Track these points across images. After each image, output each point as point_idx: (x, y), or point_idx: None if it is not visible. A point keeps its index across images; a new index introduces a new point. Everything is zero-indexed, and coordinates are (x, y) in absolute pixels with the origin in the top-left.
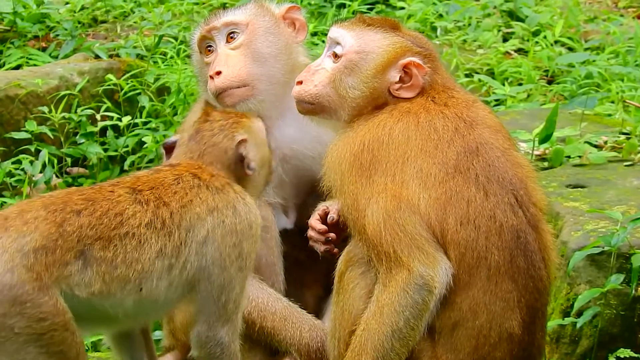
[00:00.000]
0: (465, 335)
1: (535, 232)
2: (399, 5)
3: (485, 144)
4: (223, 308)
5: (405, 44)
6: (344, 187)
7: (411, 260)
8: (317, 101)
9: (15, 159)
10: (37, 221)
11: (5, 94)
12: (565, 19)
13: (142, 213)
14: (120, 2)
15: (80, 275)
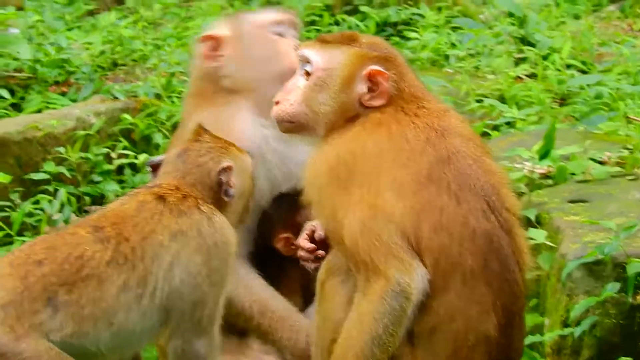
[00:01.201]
0: (443, 339)
1: (509, 236)
2: (413, 37)
3: (457, 153)
4: (198, 323)
5: (362, 53)
6: (322, 200)
7: (388, 268)
8: (295, 119)
9: (34, 199)
10: (3, 279)
11: (24, 136)
12: (579, 43)
13: (102, 252)
14: (139, 45)
15: (51, 321)
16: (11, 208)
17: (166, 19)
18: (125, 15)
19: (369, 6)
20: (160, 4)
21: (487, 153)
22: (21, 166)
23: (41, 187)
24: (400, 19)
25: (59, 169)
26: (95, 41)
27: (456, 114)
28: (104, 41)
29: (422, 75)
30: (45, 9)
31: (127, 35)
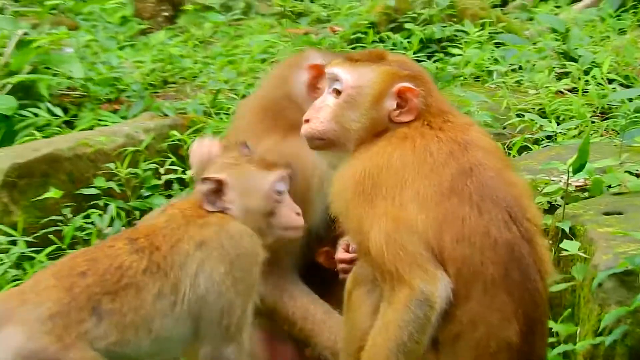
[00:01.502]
0: (466, 347)
1: (530, 246)
2: (456, 53)
3: (478, 165)
4: (226, 330)
5: (392, 71)
6: (349, 212)
7: (412, 277)
8: (326, 136)
9: (85, 213)
10: (48, 290)
11: (75, 152)
12: (622, 57)
13: (138, 262)
14: (189, 64)
15: (96, 330)
16: (63, 222)
17: (216, 38)
18: (177, 34)
19: (414, 23)
20: (211, 22)
21: (508, 166)
22: (72, 182)
23: (92, 202)
24: (444, 36)
25: (109, 184)
26: (146, 60)
27: (479, 128)
28: (155, 60)
29: (464, 91)
30: (99, 29)
31: (177, 54)
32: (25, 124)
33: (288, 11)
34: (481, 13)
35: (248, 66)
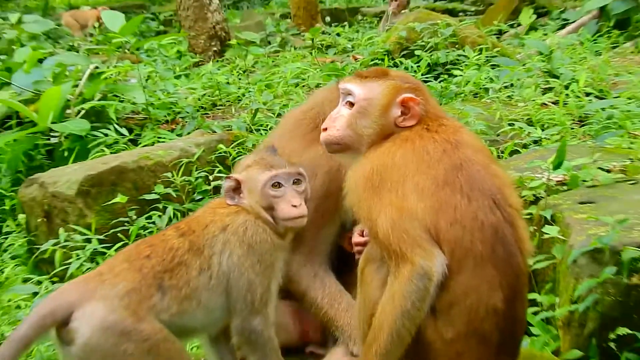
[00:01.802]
0: (459, 312)
1: (512, 227)
2: (458, 74)
3: (467, 161)
4: (251, 304)
5: (396, 84)
6: (361, 203)
7: (414, 255)
8: (342, 142)
9: (147, 215)
10: (123, 272)
11: (138, 164)
12: (597, 74)
13: (182, 243)
14: (234, 89)
15: (161, 303)
16: (129, 223)
17: (256, 67)
18: (223, 65)
19: (422, 50)
20: (253, 55)
21: (493, 161)
22: (136, 189)
23: (153, 205)
24: (448, 60)
25: (166, 190)
26: (198, 87)
27: (468, 130)
28: (205, 86)
29: (464, 105)
30: (158, 62)
31: (223, 81)
32: (97, 142)
33: (318, 44)
34: (479, 40)
35: (283, 90)
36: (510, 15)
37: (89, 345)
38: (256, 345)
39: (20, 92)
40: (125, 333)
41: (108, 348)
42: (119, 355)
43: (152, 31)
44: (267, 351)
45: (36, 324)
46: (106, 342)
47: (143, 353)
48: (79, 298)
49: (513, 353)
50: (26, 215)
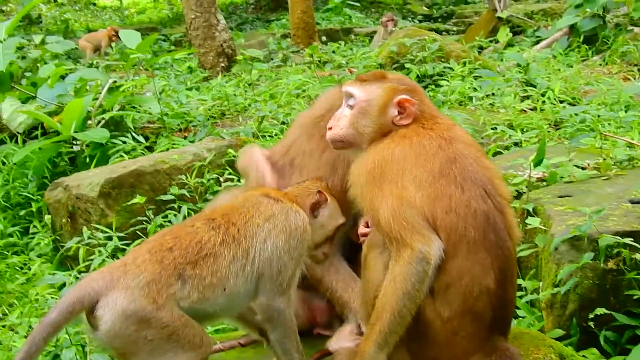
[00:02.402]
0: (455, 293)
1: (502, 215)
2: (444, 84)
3: (461, 155)
4: (280, 285)
5: (393, 86)
6: (363, 195)
7: (413, 241)
8: (346, 139)
9: (163, 214)
10: (144, 263)
11: (154, 168)
12: (569, 83)
13: (215, 236)
14: (241, 100)
15: (181, 292)
16: (147, 221)
17: (261, 80)
18: (231, 79)
19: (411, 63)
20: (257, 70)
21: (484, 155)
22: (153, 190)
23: (168, 205)
24: (435, 72)
25: (181, 191)
26: (208, 98)
27: (460, 127)
28: (214, 98)
29: (451, 111)
30: (171, 76)
31: (231, 93)
32: (116, 149)
33: (316, 60)
34: (463, 54)
35: (285, 100)
36: (489, 33)
37: (111, 332)
38: (278, 323)
39: (45, 105)
40: (145, 320)
41: (129, 334)
42: (140, 341)
43: (164, 50)
44: (287, 330)
45: (65, 310)
46: (127, 329)
47: (163, 339)
48: (104, 287)
49: (504, 330)
50: (52, 216)
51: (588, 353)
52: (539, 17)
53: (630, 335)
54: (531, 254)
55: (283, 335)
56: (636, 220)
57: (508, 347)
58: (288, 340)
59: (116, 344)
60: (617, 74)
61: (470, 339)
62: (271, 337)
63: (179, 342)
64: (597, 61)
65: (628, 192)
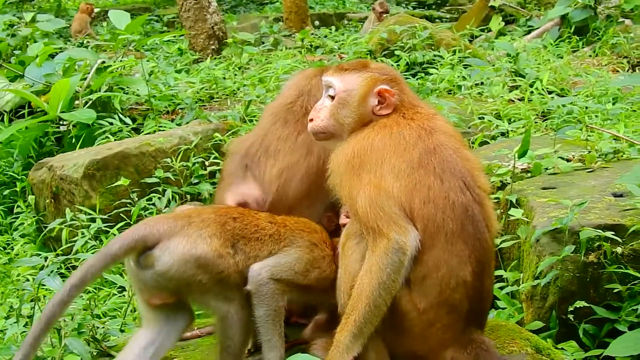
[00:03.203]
0: (431, 284)
1: (480, 206)
2: (434, 72)
3: (440, 145)
4: (278, 272)
5: (374, 76)
6: (342, 183)
7: (390, 231)
8: (327, 130)
9: (148, 197)
10: (209, 220)
11: (140, 150)
12: (558, 74)
13: (269, 228)
14: (230, 84)
15: (232, 258)
16: (131, 204)
17: (251, 64)
18: (220, 62)
19: (401, 50)
20: (248, 53)
21: (464, 145)
22: (138, 173)
23: (153, 188)
24: (425, 60)
25: (166, 174)
26: (196, 81)
27: (442, 117)
28: (203, 80)
29: (439, 100)
30: (160, 58)
31: (220, 76)
32: (102, 130)
33: (307, 44)
34: (453, 42)
35: (274, 84)
36: (481, 22)
37: (169, 273)
38: (264, 300)
39: (33, 84)
40: (203, 265)
41: (186, 277)
42: (194, 284)
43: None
44: (272, 312)
45: (127, 245)
46: (185, 272)
47: (214, 282)
48: (168, 230)
49: (480, 323)
50: (35, 196)
51: (567, 346)
52: (532, 6)
53: (610, 329)
54: (513, 246)
55: (266, 315)
56: (618, 214)
57: (484, 340)
58: (271, 321)
59: (170, 284)
60: (607, 65)
61: (446, 331)
62: (256, 314)
63: (227, 285)
64: (587, 52)
65: (612, 185)
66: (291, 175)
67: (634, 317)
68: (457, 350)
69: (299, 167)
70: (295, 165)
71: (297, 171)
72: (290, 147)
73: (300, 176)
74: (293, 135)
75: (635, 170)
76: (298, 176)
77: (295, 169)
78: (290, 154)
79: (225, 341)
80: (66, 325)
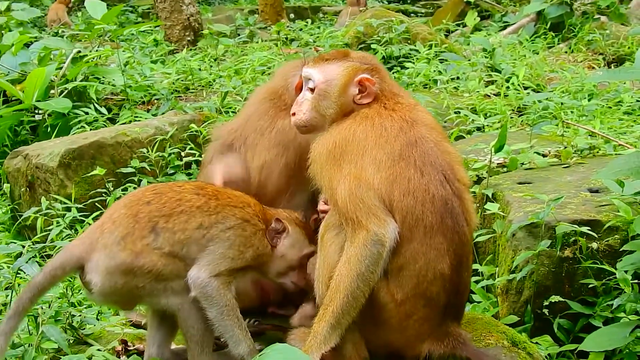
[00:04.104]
0: (408, 276)
1: (460, 200)
2: (410, 66)
3: (422, 138)
4: (216, 266)
5: (355, 66)
6: (323, 173)
7: (369, 223)
8: (309, 124)
9: (123, 187)
10: (120, 218)
11: (116, 140)
12: (534, 70)
13: (196, 200)
14: (205, 75)
15: (155, 242)
16: (106, 194)
17: (227, 56)
18: (196, 53)
19: (377, 44)
20: (223, 45)
21: (445, 138)
22: (114, 163)
23: (128, 178)
24: (401, 54)
25: (142, 164)
26: (172, 72)
27: (422, 108)
28: (179, 71)
29: (415, 94)
30: (136, 48)
31: (196, 67)
32: (78, 120)
33: (283, 37)
34: (429, 37)
35: (250, 76)
36: (456, 17)
37: (104, 291)
38: (212, 302)
39: (8, 73)
40: (128, 271)
41: (120, 288)
42: (134, 291)
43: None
44: (222, 308)
45: (49, 274)
46: (116, 284)
47: (152, 282)
48: (86, 251)
49: (457, 316)
50: (10, 184)
51: (541, 340)
52: (507, 2)
53: (584, 324)
54: (489, 240)
55: (219, 313)
56: (594, 209)
57: (460, 333)
58: (227, 317)
59: (114, 299)
60: (582, 62)
61: (423, 323)
62: (209, 316)
63: (168, 281)
64: (562, 49)
65: (587, 181)
66: (269, 172)
67: (609, 313)
68: (433, 342)
69: (276, 164)
70: (273, 163)
71: (275, 168)
72: (267, 143)
73: (278, 173)
74: (268, 131)
75: (611, 166)
76: (276, 173)
77: (273, 166)
78: (267, 150)
79: (189, 331)
80: (43, 313)
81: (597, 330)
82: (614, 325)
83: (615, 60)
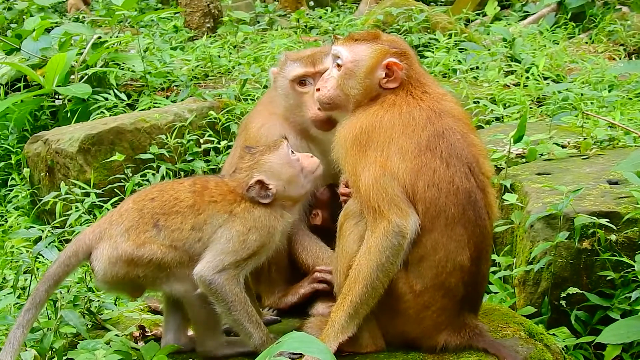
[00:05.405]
0: (428, 266)
1: (483, 193)
2: (429, 55)
3: (449, 129)
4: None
5: (384, 49)
6: (347, 158)
7: (390, 213)
8: (332, 101)
9: (142, 173)
10: (127, 212)
11: (135, 126)
12: (554, 60)
13: (189, 199)
14: (225, 62)
15: (156, 237)
16: (125, 179)
17: (246, 43)
18: (216, 40)
19: (397, 33)
20: (243, 32)
21: (472, 130)
22: (133, 149)
23: (147, 164)
24: (420, 43)
25: (160, 151)
26: (192, 58)
27: (452, 98)
28: (198, 58)
29: None
30: (156, 35)
31: (216, 54)
32: (97, 105)
33: (302, 25)
34: (449, 26)
35: (269, 64)
36: (476, 6)
37: (107, 278)
38: (219, 297)
39: (29, 58)
40: (130, 261)
41: (123, 276)
42: (136, 280)
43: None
44: (231, 303)
45: (63, 263)
46: (118, 273)
47: (154, 271)
48: (94, 240)
49: (475, 307)
50: (30, 169)
51: (558, 332)
52: None
53: (602, 316)
54: (507, 230)
55: (227, 309)
56: (613, 201)
57: (477, 324)
58: (235, 312)
59: (118, 287)
60: (603, 53)
61: (441, 314)
62: (218, 311)
63: (170, 269)
64: (583, 39)
65: (606, 173)
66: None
67: (627, 305)
68: (450, 333)
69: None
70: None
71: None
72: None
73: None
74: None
75: (632, 158)
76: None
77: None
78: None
79: (196, 316)
80: (62, 298)
81: (615, 322)
82: (632, 317)
83: (636, 51)
